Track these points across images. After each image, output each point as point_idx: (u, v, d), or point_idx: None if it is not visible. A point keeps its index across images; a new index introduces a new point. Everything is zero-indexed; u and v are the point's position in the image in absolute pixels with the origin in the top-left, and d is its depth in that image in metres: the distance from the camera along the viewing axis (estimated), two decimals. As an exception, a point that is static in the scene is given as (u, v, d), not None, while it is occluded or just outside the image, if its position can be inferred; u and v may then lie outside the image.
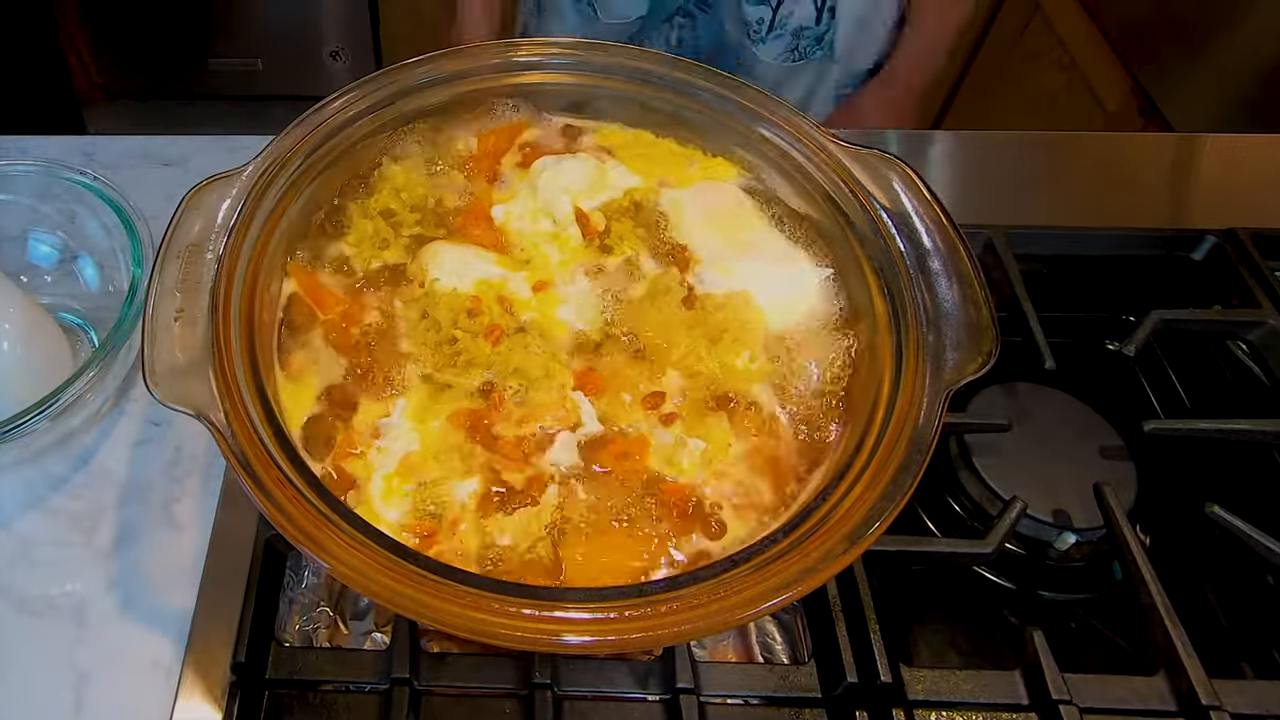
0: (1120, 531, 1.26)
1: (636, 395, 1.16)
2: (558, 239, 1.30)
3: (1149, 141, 2.23)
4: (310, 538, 0.89)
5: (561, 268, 1.28)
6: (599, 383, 1.17)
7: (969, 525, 1.40)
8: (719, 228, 1.31)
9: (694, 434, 1.14)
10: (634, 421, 1.14)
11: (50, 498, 1.39)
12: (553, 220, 1.32)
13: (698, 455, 1.12)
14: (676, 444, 1.13)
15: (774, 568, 0.90)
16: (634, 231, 1.31)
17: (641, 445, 1.12)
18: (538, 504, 1.08)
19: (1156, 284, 1.67)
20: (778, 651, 1.27)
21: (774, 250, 1.31)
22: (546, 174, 1.34)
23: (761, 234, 1.32)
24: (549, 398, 1.14)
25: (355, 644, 1.26)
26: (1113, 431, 1.43)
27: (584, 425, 1.13)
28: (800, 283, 1.26)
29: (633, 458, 1.11)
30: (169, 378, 0.99)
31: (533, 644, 0.87)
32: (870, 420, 1.04)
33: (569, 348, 1.20)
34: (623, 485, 1.09)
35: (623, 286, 1.26)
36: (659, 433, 1.14)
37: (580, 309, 1.24)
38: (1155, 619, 1.18)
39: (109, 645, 1.26)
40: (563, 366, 1.17)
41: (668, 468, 1.11)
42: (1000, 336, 1.05)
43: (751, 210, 1.34)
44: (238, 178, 1.17)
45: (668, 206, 1.34)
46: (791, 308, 1.24)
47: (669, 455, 1.12)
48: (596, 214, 1.32)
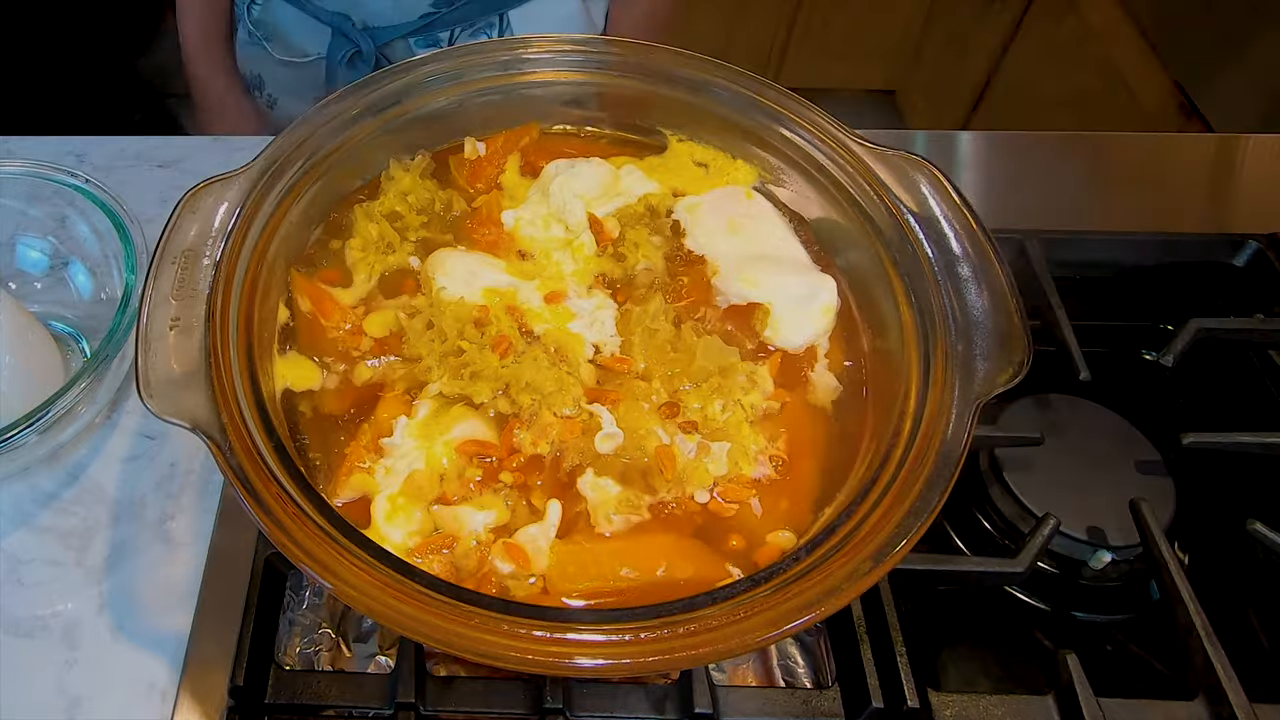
0: (1158, 549, 1.26)
1: (653, 404, 1.16)
2: (570, 246, 1.30)
3: (1188, 142, 2.22)
4: (312, 556, 0.90)
5: (575, 277, 1.28)
6: (614, 395, 1.17)
7: (1000, 543, 1.40)
8: (738, 236, 1.31)
9: (717, 438, 1.14)
10: (652, 428, 1.14)
11: (40, 515, 1.40)
12: (565, 227, 1.32)
13: (723, 457, 1.12)
14: (700, 451, 1.13)
15: (796, 588, 0.90)
16: (649, 240, 1.31)
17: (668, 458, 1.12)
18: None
19: (1196, 291, 1.67)
20: (800, 675, 1.27)
21: (795, 260, 1.31)
22: (560, 178, 1.35)
23: (782, 242, 1.32)
24: (564, 421, 1.14)
25: (359, 667, 1.27)
26: (1150, 445, 1.43)
27: (603, 429, 1.13)
28: (821, 295, 1.26)
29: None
30: (164, 389, 0.99)
31: (544, 667, 0.87)
32: (897, 433, 1.04)
33: (582, 362, 1.20)
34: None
35: (638, 306, 1.26)
36: (680, 440, 1.14)
37: (594, 324, 1.24)
38: (1194, 641, 1.18)
39: (102, 668, 1.26)
40: (576, 381, 1.17)
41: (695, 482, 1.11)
42: (1032, 346, 1.05)
43: (772, 217, 1.35)
44: (236, 180, 1.17)
45: (685, 213, 1.35)
46: (811, 322, 1.24)
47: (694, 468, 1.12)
48: (611, 220, 1.32)
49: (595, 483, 1.10)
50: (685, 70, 1.35)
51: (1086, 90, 3.63)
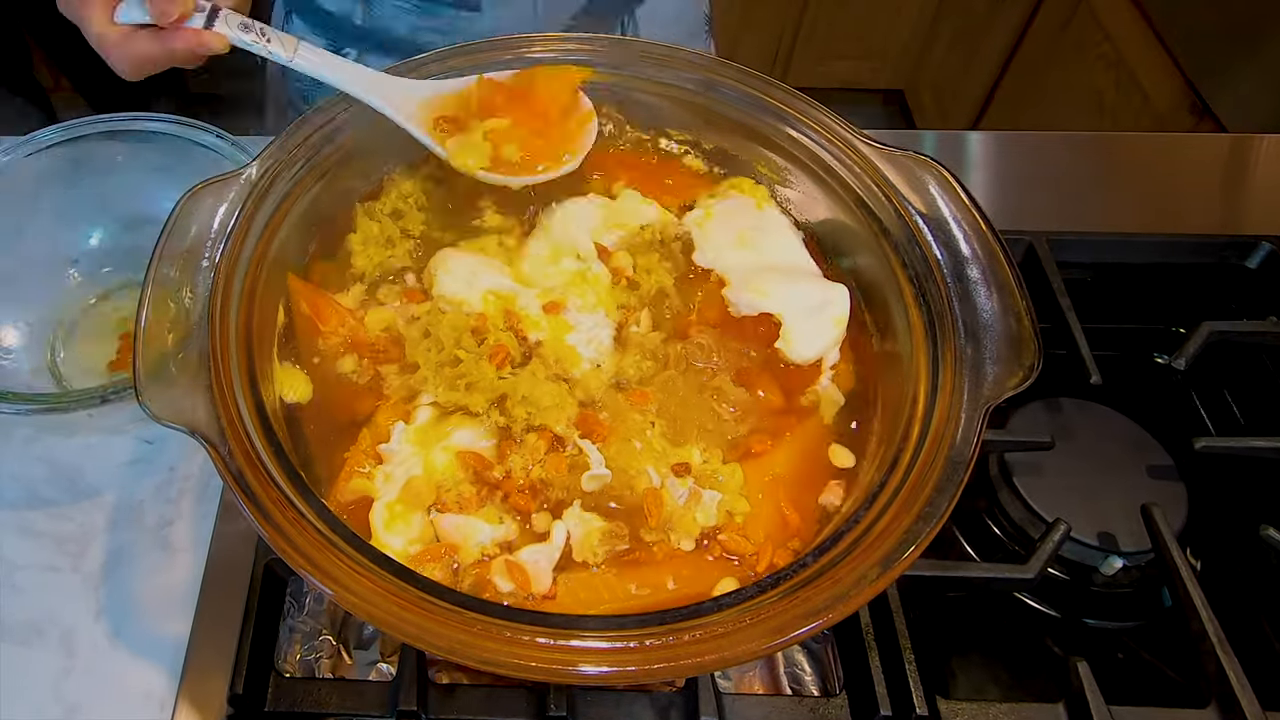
0: (1169, 555, 1.26)
1: (646, 441, 1.15)
2: (585, 279, 1.28)
3: (1200, 142, 2.22)
4: (312, 562, 0.89)
5: (591, 309, 1.26)
6: (604, 427, 1.15)
7: (1009, 549, 1.40)
8: (748, 248, 1.31)
9: (708, 485, 1.13)
10: (643, 468, 1.13)
11: (35, 519, 1.40)
12: (576, 257, 1.31)
13: (713, 508, 1.11)
14: (691, 498, 1.12)
15: (803, 594, 0.90)
16: (660, 265, 1.31)
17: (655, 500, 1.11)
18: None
19: (1208, 293, 1.67)
20: (807, 683, 1.27)
21: (806, 271, 1.31)
22: (558, 215, 1.34)
23: (793, 253, 1.33)
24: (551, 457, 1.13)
25: (360, 675, 1.27)
26: (1162, 450, 1.43)
27: (591, 470, 1.12)
28: (833, 305, 1.25)
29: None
30: (162, 393, 0.99)
31: (548, 675, 0.87)
32: (905, 438, 1.04)
33: (580, 374, 1.20)
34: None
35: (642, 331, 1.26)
36: (672, 483, 1.13)
37: (590, 340, 1.23)
38: (1207, 648, 1.18)
39: (99, 676, 1.26)
40: (574, 401, 1.16)
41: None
42: (1043, 349, 1.05)
43: (783, 229, 1.35)
44: (236, 181, 1.16)
45: (694, 227, 1.34)
46: (823, 332, 1.24)
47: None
48: (622, 255, 1.32)
49: (581, 516, 1.09)
50: (690, 69, 1.35)
51: (1097, 89, 3.63)
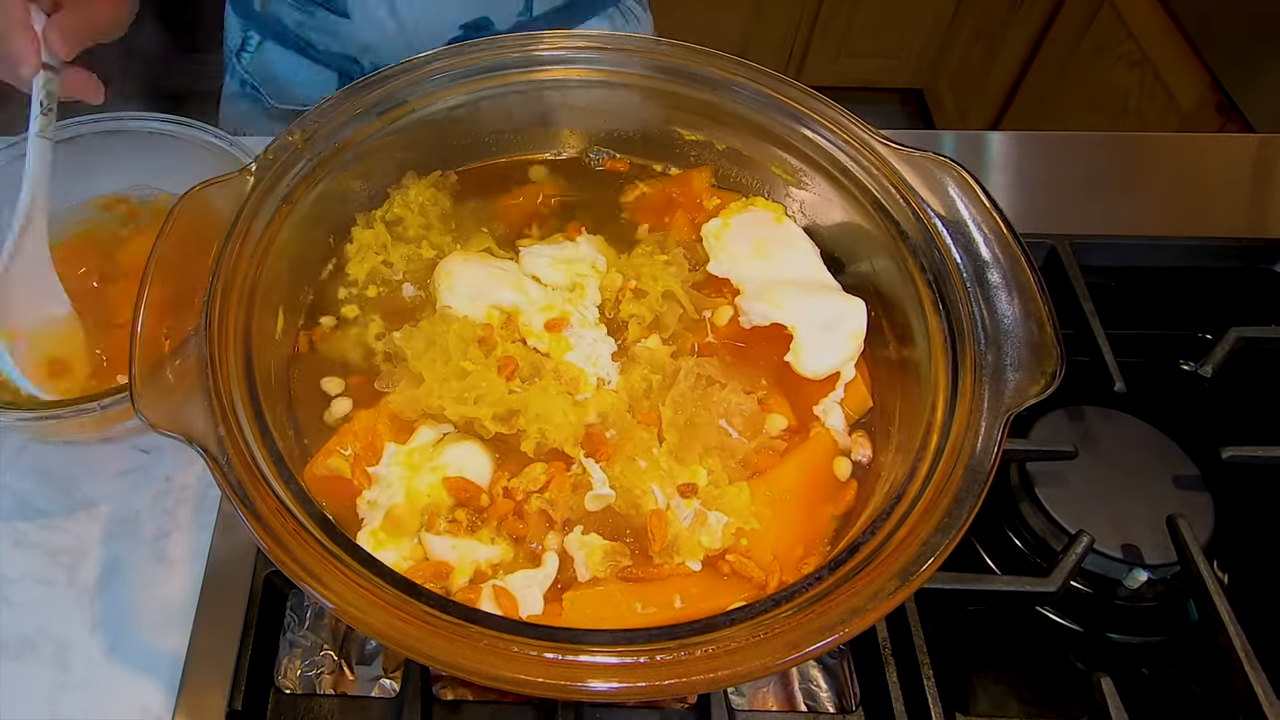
0: (1196, 568, 1.26)
1: (652, 460, 1.15)
2: (590, 280, 1.30)
3: (1227, 143, 2.22)
4: (313, 574, 0.89)
5: (593, 325, 1.27)
6: (609, 446, 1.16)
7: (1031, 561, 1.40)
8: (765, 259, 1.30)
9: (714, 506, 1.13)
10: (647, 488, 1.13)
11: (29, 531, 1.40)
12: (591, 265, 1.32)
13: (719, 530, 1.11)
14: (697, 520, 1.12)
15: (818, 608, 0.89)
16: (665, 270, 1.30)
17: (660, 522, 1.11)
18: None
19: (1236, 298, 1.67)
20: (822, 699, 1.27)
21: (823, 284, 1.31)
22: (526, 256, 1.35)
23: (811, 267, 1.32)
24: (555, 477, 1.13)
25: (362, 691, 1.27)
26: (1188, 459, 1.43)
27: (594, 489, 1.12)
28: (849, 320, 1.25)
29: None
30: (159, 401, 0.98)
31: (555, 691, 0.86)
32: (923, 447, 1.03)
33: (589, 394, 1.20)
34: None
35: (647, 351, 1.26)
36: (678, 504, 1.13)
37: (591, 357, 1.23)
38: (1234, 663, 1.18)
39: (94, 691, 1.26)
40: (581, 420, 1.16)
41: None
42: (1065, 356, 1.05)
43: (801, 241, 1.35)
44: (236, 181, 1.16)
45: (710, 238, 1.34)
46: (837, 347, 1.23)
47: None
48: (612, 273, 1.32)
49: (582, 540, 1.09)
50: (705, 68, 1.34)
51: (1121, 88, 3.63)
